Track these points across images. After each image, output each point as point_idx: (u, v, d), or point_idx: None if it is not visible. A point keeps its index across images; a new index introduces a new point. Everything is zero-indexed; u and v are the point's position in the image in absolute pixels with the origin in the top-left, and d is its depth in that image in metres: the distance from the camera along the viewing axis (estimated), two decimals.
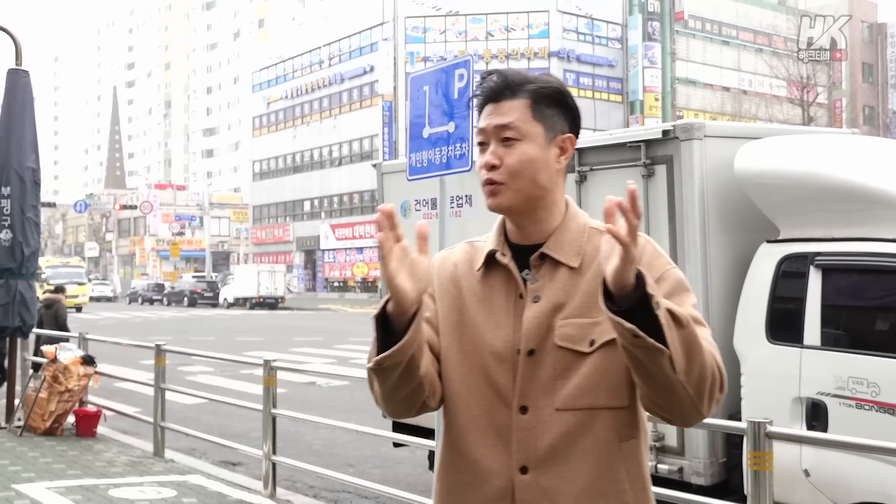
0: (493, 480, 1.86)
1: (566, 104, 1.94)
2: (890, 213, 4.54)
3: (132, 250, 78.97)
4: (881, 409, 4.33)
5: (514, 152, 1.88)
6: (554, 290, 1.87)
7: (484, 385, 1.89)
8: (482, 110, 1.95)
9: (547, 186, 1.90)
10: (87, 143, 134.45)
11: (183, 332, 26.74)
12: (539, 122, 1.89)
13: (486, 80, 1.94)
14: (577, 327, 1.84)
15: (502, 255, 1.93)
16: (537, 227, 1.92)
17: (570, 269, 1.88)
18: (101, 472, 7.69)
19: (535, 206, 1.91)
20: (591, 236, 1.90)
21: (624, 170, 5.38)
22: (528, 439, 1.84)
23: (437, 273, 2.01)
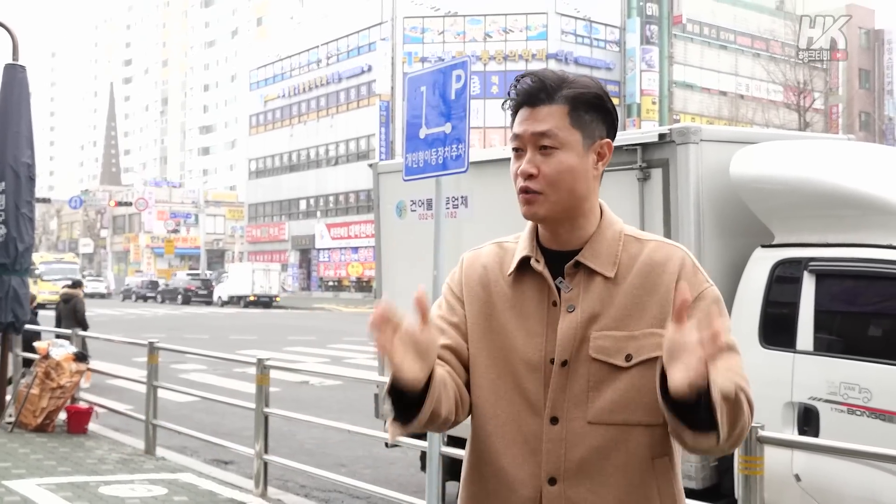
0: (520, 490, 1.82)
1: (604, 108, 1.87)
2: (884, 219, 4.54)
3: (127, 247, 78.88)
4: (873, 415, 4.33)
5: (552, 161, 1.82)
6: (589, 301, 1.83)
7: (513, 393, 1.85)
8: (516, 113, 1.89)
9: (584, 195, 1.85)
10: (83, 139, 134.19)
11: (176, 330, 26.70)
12: (577, 129, 1.83)
13: (522, 83, 1.88)
14: (612, 340, 1.80)
15: (536, 261, 1.88)
16: (573, 234, 1.88)
17: (606, 278, 1.83)
18: (91, 469, 7.67)
19: (571, 215, 1.86)
20: (626, 244, 1.86)
21: (620, 173, 5.38)
22: (558, 450, 1.80)
23: (466, 275, 1.97)
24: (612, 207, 1.95)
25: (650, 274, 1.82)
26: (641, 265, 1.83)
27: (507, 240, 1.99)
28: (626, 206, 5.29)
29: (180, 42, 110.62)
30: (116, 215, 79.51)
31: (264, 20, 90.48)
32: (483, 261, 1.97)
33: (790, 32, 44.61)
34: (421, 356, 1.67)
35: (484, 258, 1.97)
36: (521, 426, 1.84)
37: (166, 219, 72.41)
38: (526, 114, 1.86)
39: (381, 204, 7.39)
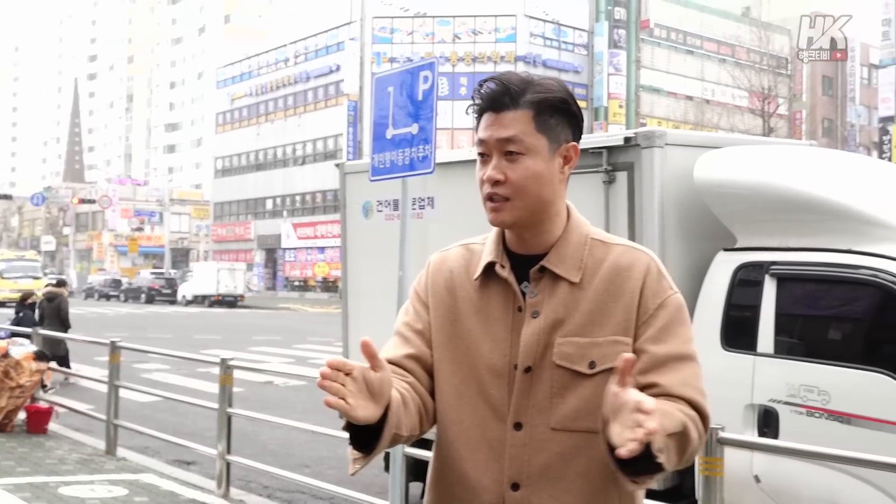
0: (483, 496, 1.82)
1: (569, 112, 1.86)
2: (844, 224, 4.61)
3: (90, 245, 77.98)
4: (831, 417, 4.39)
5: (519, 168, 1.81)
6: (553, 306, 1.82)
7: (477, 398, 1.84)
8: (480, 118, 1.87)
9: (550, 199, 1.85)
10: (46, 135, 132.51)
11: (139, 329, 26.43)
12: (543, 133, 1.82)
13: (486, 87, 1.86)
14: (576, 346, 1.80)
15: (501, 267, 1.87)
16: (539, 239, 1.87)
17: (571, 283, 1.82)
18: (51, 469, 7.58)
19: (538, 220, 1.85)
20: (592, 248, 1.86)
21: (585, 175, 5.41)
22: (521, 456, 1.80)
23: (432, 279, 1.96)
24: (578, 210, 1.95)
25: (615, 279, 1.81)
26: (607, 270, 1.82)
27: (474, 241, 1.98)
28: (592, 209, 5.32)
29: (146, 38, 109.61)
30: (79, 213, 78.55)
31: (232, 18, 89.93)
32: (450, 264, 1.96)
33: (755, 39, 45.16)
34: (374, 397, 1.65)
35: (451, 261, 1.96)
36: (485, 432, 1.83)
37: (130, 217, 71.67)
38: (490, 119, 1.84)
39: (348, 204, 7.38)
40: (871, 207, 4.62)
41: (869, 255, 4.45)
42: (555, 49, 54.63)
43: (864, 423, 4.29)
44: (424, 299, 1.95)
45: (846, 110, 58.64)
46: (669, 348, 1.78)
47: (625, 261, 1.83)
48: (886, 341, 4.61)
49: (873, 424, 4.26)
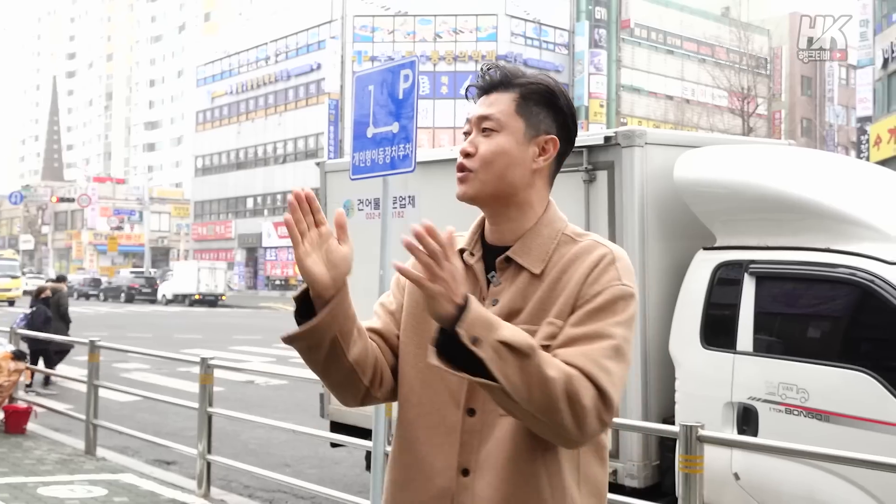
0: (436, 479, 1.85)
1: (555, 105, 1.90)
2: (822, 223, 4.64)
3: (69, 244, 77.42)
4: (809, 415, 4.43)
5: (490, 142, 1.86)
6: (511, 295, 1.85)
7: (439, 384, 1.87)
8: (477, 103, 1.94)
9: (517, 184, 1.87)
10: (24, 133, 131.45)
11: (119, 329, 26.28)
12: (522, 117, 1.87)
13: (485, 73, 1.92)
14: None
15: (470, 254, 1.92)
16: (509, 227, 1.90)
17: (532, 275, 1.84)
18: (30, 469, 7.52)
19: (504, 203, 1.88)
20: (561, 243, 1.87)
21: (565, 174, 5.41)
22: (472, 441, 1.82)
23: (414, 267, 1.99)
24: (559, 208, 1.96)
25: (567, 269, 1.82)
26: (565, 261, 1.84)
27: (461, 234, 2.01)
28: (572, 208, 5.33)
29: (126, 36, 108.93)
30: (58, 211, 78.00)
31: (212, 16, 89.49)
32: None
33: (735, 39, 45.41)
34: (329, 263, 1.75)
35: None
36: (444, 417, 1.86)
37: (110, 215, 71.21)
38: (480, 100, 1.92)
39: (329, 203, 7.36)
40: (849, 206, 4.66)
41: (847, 253, 4.49)
42: (536, 48, 54.74)
43: (841, 421, 4.33)
44: (403, 284, 2.00)
45: (825, 110, 59.08)
46: (586, 329, 1.75)
47: (582, 252, 1.84)
48: (864, 339, 4.65)
49: (851, 422, 4.30)
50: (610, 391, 1.69)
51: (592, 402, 1.67)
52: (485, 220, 1.96)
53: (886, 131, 31.84)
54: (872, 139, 34.02)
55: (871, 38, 35.38)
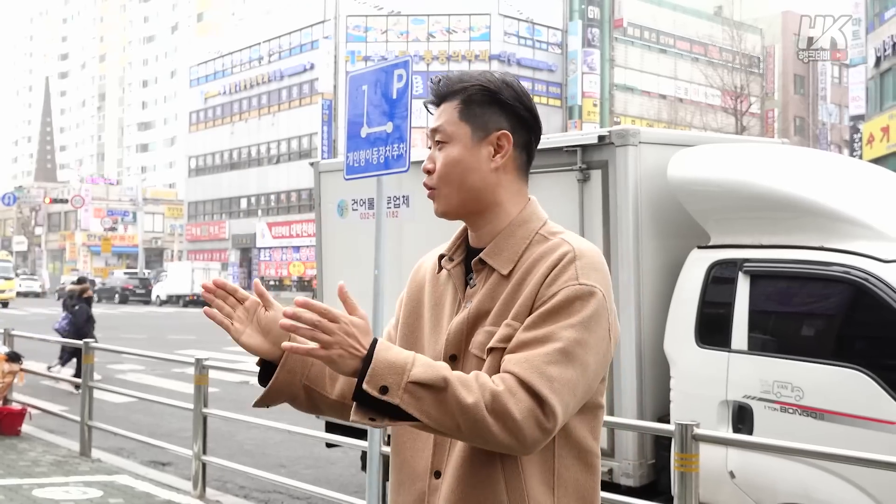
0: (416, 482, 1.87)
1: (498, 101, 1.88)
2: (816, 221, 4.65)
3: (62, 245, 77.20)
4: (804, 413, 4.44)
5: (442, 155, 1.89)
6: (481, 297, 1.85)
7: None
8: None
9: (479, 187, 1.87)
10: (17, 134, 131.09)
11: (113, 330, 26.22)
12: (466, 122, 1.87)
13: (434, 87, 1.94)
14: (487, 335, 1.81)
15: (449, 260, 1.94)
16: (486, 230, 1.90)
17: (501, 275, 1.84)
18: (24, 471, 7.50)
19: (474, 210, 1.88)
20: (534, 243, 1.85)
21: (559, 174, 5.43)
22: (444, 444, 1.84)
23: (412, 277, 2.05)
24: (553, 208, 1.97)
25: (531, 268, 1.81)
26: (531, 262, 1.82)
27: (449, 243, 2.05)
28: (566, 207, 5.34)
29: (118, 37, 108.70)
30: (52, 212, 77.77)
31: (205, 16, 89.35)
32: (424, 265, 2.05)
33: (727, 38, 45.46)
34: (265, 332, 1.86)
35: (425, 262, 2.05)
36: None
37: (103, 216, 71.04)
38: (434, 113, 1.94)
39: (323, 203, 7.36)
40: (843, 205, 4.67)
41: (841, 251, 4.50)
42: (529, 48, 54.73)
43: (836, 419, 4.34)
44: (401, 300, 2.05)
45: (818, 109, 59.14)
46: (536, 333, 1.72)
47: (546, 252, 1.81)
48: (858, 337, 4.66)
49: (846, 420, 4.31)
50: (548, 397, 1.65)
51: (528, 412, 1.64)
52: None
53: (879, 129, 31.93)
54: (865, 137, 34.11)
55: (863, 36, 35.46)
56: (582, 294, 1.74)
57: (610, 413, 5.23)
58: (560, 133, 5.12)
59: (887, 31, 32.24)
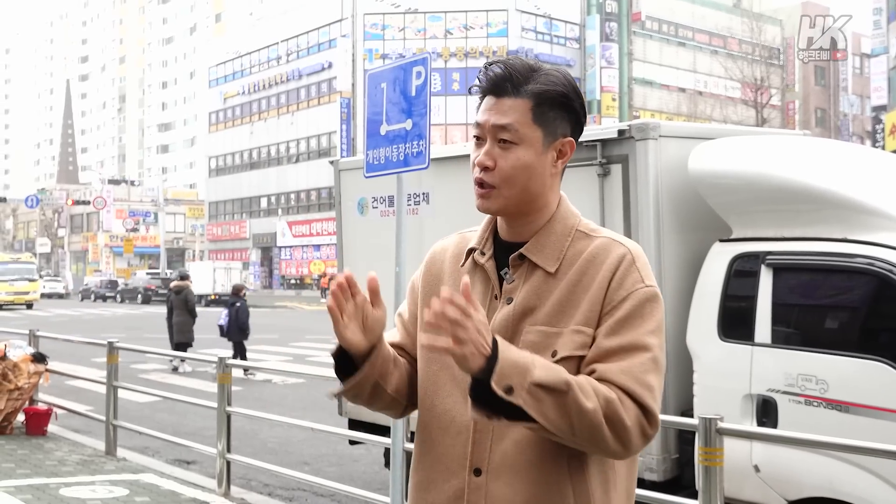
0: (451, 480, 1.84)
1: (570, 107, 1.86)
2: (839, 213, 4.62)
3: (85, 246, 77.82)
4: (829, 406, 4.41)
5: (510, 157, 1.82)
6: (526, 294, 1.83)
7: (451, 385, 1.87)
8: (482, 101, 1.88)
9: (538, 192, 1.85)
10: (39, 137, 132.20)
11: (136, 330, 26.42)
12: (539, 125, 1.82)
13: (490, 70, 1.86)
14: (542, 335, 1.80)
15: (481, 254, 1.90)
16: (526, 228, 1.88)
17: (547, 273, 1.83)
18: (51, 471, 7.57)
19: (525, 210, 1.87)
20: (576, 240, 1.85)
21: (579, 169, 5.42)
22: (484, 442, 1.81)
23: (426, 268, 2.02)
24: (573, 203, 1.96)
25: (588, 270, 1.81)
26: (582, 261, 1.82)
27: (472, 229, 2.01)
28: (587, 202, 5.33)
29: (137, 38, 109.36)
30: (74, 214, 78.39)
31: (223, 16, 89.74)
32: (444, 254, 2.00)
33: (747, 29, 45.18)
34: (366, 330, 1.82)
35: (446, 251, 2.01)
36: (455, 417, 1.85)
37: (125, 217, 71.53)
38: (490, 103, 1.84)
39: (343, 201, 7.38)
40: (866, 196, 4.64)
41: (864, 243, 4.47)
42: (547, 43, 54.62)
43: (861, 411, 4.31)
44: (416, 288, 2.02)
45: (839, 100, 58.71)
46: (621, 340, 1.75)
47: (600, 252, 1.82)
48: (883, 329, 4.63)
49: (871, 412, 4.28)
50: (653, 407, 1.72)
51: (635, 420, 1.70)
52: (496, 217, 1.95)
53: None
54: (888, 128, 33.78)
55: (884, 26, 35.11)
56: (651, 296, 1.79)
57: None
58: None
59: None
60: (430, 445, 1.90)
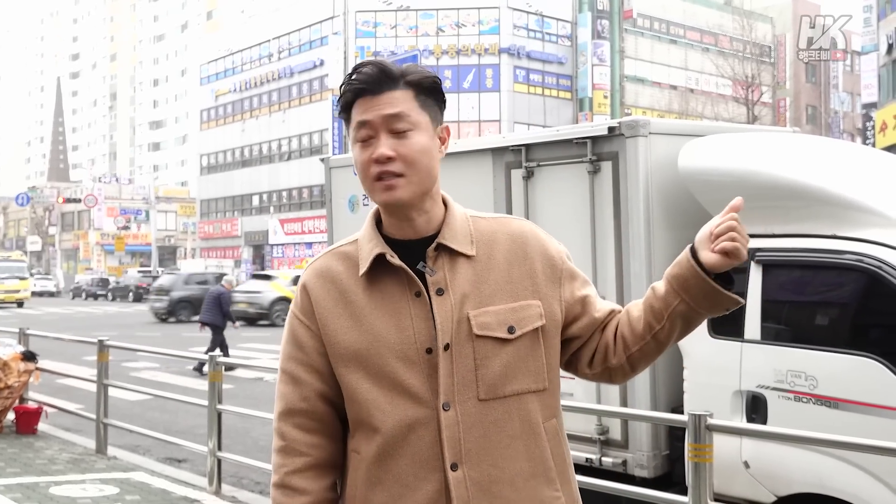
0: (423, 486, 1.81)
1: (441, 95, 1.93)
2: (828, 210, 4.63)
3: (76, 244, 77.59)
4: (818, 402, 4.43)
5: (409, 143, 1.84)
6: (457, 281, 1.86)
7: (393, 393, 1.82)
8: (353, 104, 1.88)
9: (435, 177, 1.90)
10: (29, 134, 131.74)
11: (128, 328, 26.35)
12: (425, 111, 1.88)
13: (362, 72, 1.87)
14: (492, 315, 1.85)
15: (392, 256, 1.87)
16: (425, 219, 1.89)
17: (467, 257, 1.88)
18: (41, 469, 7.56)
19: (425, 199, 1.89)
20: (474, 224, 1.93)
21: (570, 166, 5.43)
22: (455, 435, 1.80)
23: (314, 296, 1.91)
24: (563, 199, 2.03)
25: (512, 247, 1.92)
26: (502, 241, 1.92)
27: (340, 245, 1.98)
28: (577, 199, 5.33)
29: (128, 36, 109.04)
30: (65, 212, 78.16)
31: (214, 14, 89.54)
32: (328, 275, 1.92)
33: (738, 27, 45.26)
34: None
35: (328, 272, 1.93)
36: (412, 424, 1.82)
37: (116, 215, 71.34)
38: (369, 101, 1.85)
39: (334, 198, 7.37)
40: (855, 193, 4.65)
41: (853, 240, 4.48)
42: (538, 41, 54.60)
43: (851, 407, 4.32)
44: (308, 322, 1.92)
45: (829, 97, 58.84)
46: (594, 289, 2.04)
47: (512, 229, 1.95)
48: (872, 325, 4.65)
49: (860, 408, 4.30)
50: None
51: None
52: (377, 221, 1.93)
53: (892, 117, 31.71)
54: (878, 125, 33.89)
55: (874, 23, 35.21)
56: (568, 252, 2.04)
57: (623, 404, 5.23)
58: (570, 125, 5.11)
59: None
60: (386, 467, 1.83)
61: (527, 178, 5.68)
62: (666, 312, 1.90)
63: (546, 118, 51.15)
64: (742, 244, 1.84)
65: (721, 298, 1.88)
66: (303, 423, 1.91)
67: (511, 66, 51.91)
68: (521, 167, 5.66)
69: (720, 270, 1.86)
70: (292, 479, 1.89)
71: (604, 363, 1.98)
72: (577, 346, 1.98)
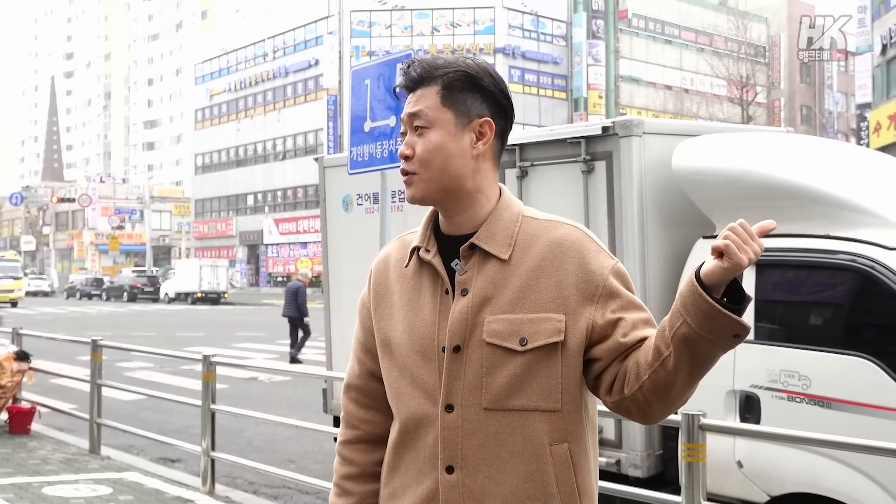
0: (423, 482, 1.82)
1: (480, 87, 1.87)
2: (822, 209, 4.64)
3: (70, 244, 77.49)
4: (812, 402, 4.43)
5: (423, 141, 1.85)
6: (482, 284, 1.81)
7: (411, 387, 1.85)
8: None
9: (463, 174, 1.85)
10: (23, 134, 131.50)
11: (122, 328, 26.32)
12: (449, 108, 1.84)
13: (407, 70, 1.90)
14: (506, 323, 1.79)
15: (426, 250, 1.88)
16: (465, 217, 1.87)
17: (500, 261, 1.82)
18: (34, 469, 7.53)
19: (454, 196, 1.85)
20: (524, 225, 1.85)
21: (564, 165, 5.42)
22: (454, 438, 1.79)
23: (374, 281, 2.00)
24: (557, 199, 1.99)
25: (548, 255, 1.82)
26: (540, 246, 1.82)
27: (410, 231, 2.00)
28: (571, 199, 5.33)
29: (123, 35, 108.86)
30: (59, 212, 78.04)
31: (209, 13, 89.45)
32: (388, 261, 1.99)
33: (733, 27, 45.33)
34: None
35: (388, 258, 1.99)
36: (421, 419, 1.84)
37: (111, 215, 71.24)
38: (409, 99, 1.90)
39: (328, 198, 7.36)
40: (849, 193, 4.65)
41: (847, 240, 4.48)
42: (533, 40, 54.67)
43: (844, 407, 4.33)
44: (367, 304, 2.00)
45: (824, 97, 59.00)
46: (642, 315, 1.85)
47: (557, 236, 1.83)
48: (865, 325, 4.65)
49: (853, 408, 4.30)
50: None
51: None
52: (437, 213, 1.93)
53: (886, 118, 31.79)
54: (872, 126, 33.97)
55: (869, 24, 35.30)
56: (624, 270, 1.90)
57: None
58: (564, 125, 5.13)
59: (893, 18, 32.07)
60: (400, 450, 1.88)
61: (521, 177, 5.68)
62: (670, 335, 1.72)
63: (541, 118, 51.20)
64: (735, 242, 1.72)
65: (721, 319, 1.66)
66: (358, 399, 2.02)
67: (506, 65, 51.92)
68: (515, 167, 5.65)
69: (718, 279, 1.68)
70: (344, 449, 2.02)
71: (621, 392, 1.80)
72: (599, 369, 1.82)
